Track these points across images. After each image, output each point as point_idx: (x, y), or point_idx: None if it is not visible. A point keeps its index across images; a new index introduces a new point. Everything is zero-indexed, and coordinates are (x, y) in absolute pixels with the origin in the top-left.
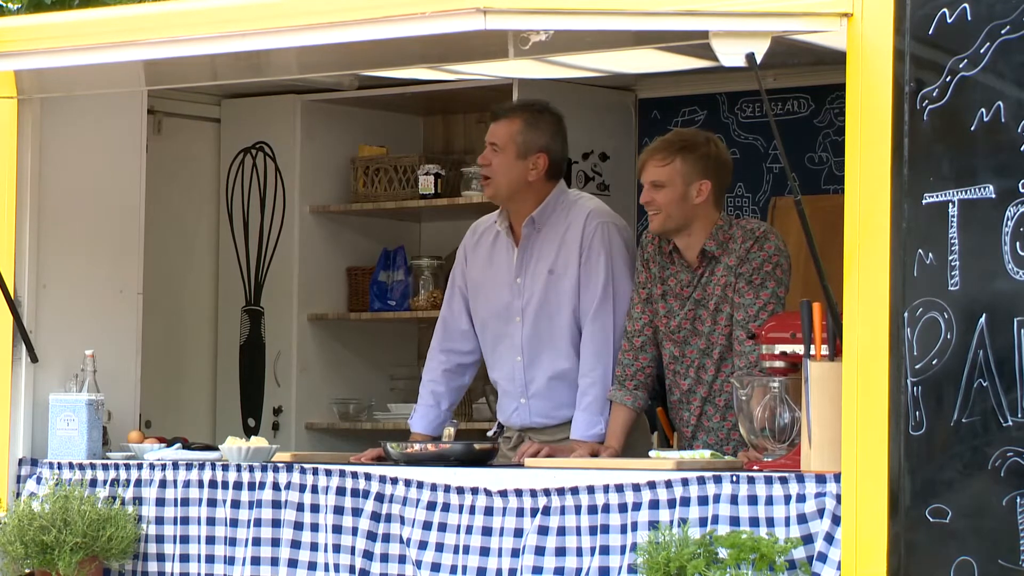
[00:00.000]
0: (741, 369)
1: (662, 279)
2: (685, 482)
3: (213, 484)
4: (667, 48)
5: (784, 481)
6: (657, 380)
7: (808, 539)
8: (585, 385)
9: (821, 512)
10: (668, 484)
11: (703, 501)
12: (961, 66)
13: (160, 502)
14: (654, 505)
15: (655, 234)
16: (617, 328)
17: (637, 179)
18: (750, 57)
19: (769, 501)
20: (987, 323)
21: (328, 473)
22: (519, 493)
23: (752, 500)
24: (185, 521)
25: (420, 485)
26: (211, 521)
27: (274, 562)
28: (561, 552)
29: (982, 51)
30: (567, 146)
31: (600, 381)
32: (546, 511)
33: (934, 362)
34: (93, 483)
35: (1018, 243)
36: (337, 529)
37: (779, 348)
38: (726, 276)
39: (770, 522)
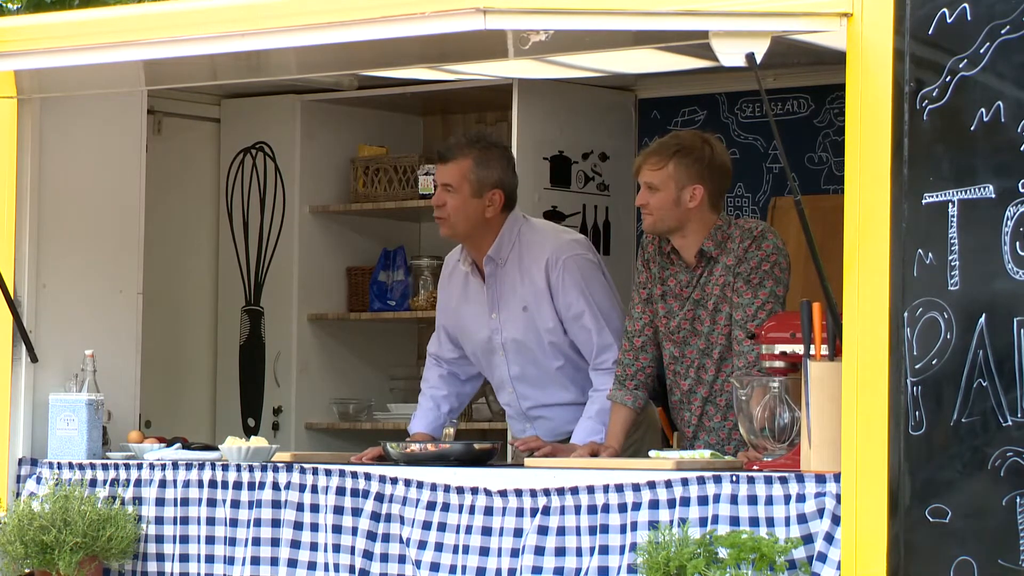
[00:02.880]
0: (740, 369)
1: (662, 279)
2: (685, 482)
3: (213, 484)
4: (667, 48)
5: (784, 481)
6: (657, 380)
7: (808, 539)
8: (595, 396)
9: (821, 512)
10: (668, 484)
11: (703, 501)
12: (961, 66)
13: (160, 502)
14: (654, 505)
15: (648, 233)
16: (617, 348)
17: (635, 179)
18: (750, 57)
19: (769, 501)
20: (987, 323)
21: (328, 473)
22: (519, 493)
23: (752, 500)
24: (185, 521)
25: (420, 485)
26: (211, 521)
27: (274, 562)
28: (561, 552)
29: (982, 51)
30: (516, 176)
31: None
32: (546, 511)
33: (934, 362)
34: (93, 483)
35: (1018, 243)
36: (337, 529)
37: (779, 348)
38: (724, 276)
39: (770, 522)
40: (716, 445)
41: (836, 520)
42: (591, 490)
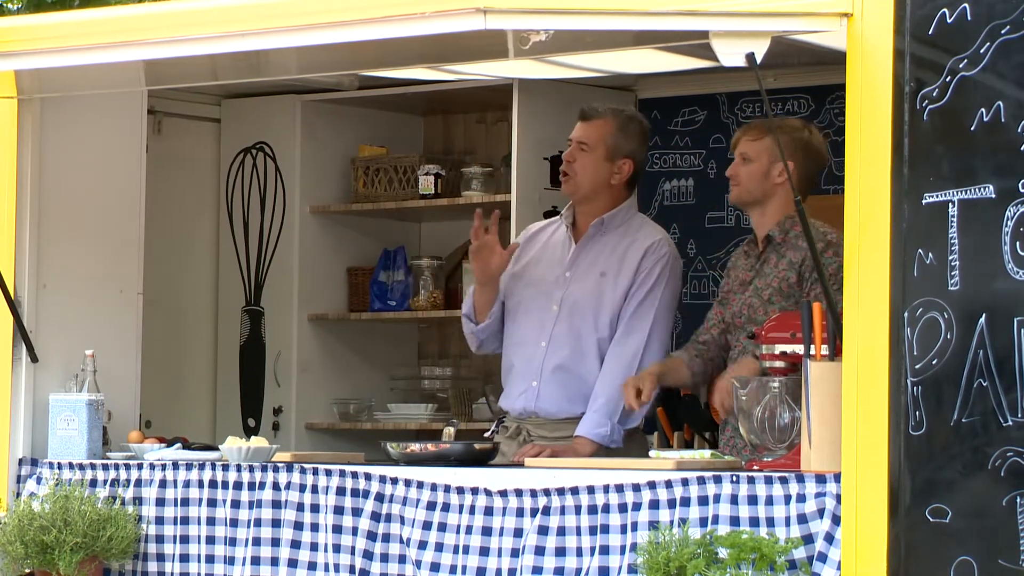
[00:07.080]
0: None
1: (736, 273)
2: (685, 482)
3: (213, 484)
4: (667, 48)
5: (784, 481)
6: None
7: (808, 539)
8: (600, 388)
9: (821, 512)
10: (668, 484)
11: (703, 501)
12: (961, 66)
13: (160, 502)
14: (654, 505)
15: (733, 205)
16: (648, 353)
17: (732, 152)
18: (750, 57)
19: (769, 501)
20: (987, 323)
21: (328, 473)
22: (519, 493)
23: (752, 500)
24: (185, 521)
25: (420, 485)
26: (211, 521)
27: (274, 562)
28: (561, 552)
29: (982, 51)
30: (647, 156)
31: (617, 390)
32: (546, 511)
33: (934, 362)
34: (93, 483)
35: (1018, 243)
36: (337, 529)
37: (779, 348)
38: (787, 271)
39: (770, 522)
40: None
41: (836, 520)
42: (591, 490)
